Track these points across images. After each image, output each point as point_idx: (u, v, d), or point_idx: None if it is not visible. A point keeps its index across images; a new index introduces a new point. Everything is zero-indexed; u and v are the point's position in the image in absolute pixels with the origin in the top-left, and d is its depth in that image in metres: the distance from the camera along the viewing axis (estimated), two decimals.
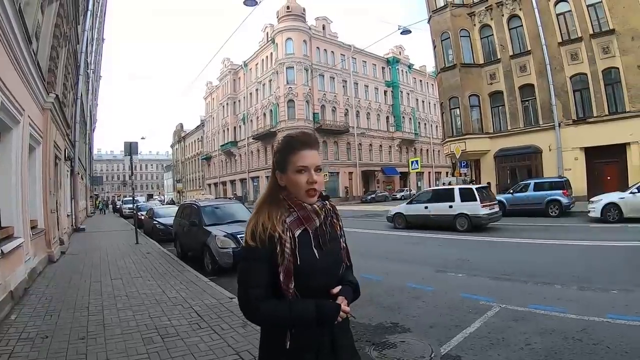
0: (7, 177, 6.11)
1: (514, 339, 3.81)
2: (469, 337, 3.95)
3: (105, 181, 77.36)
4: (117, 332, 4.22)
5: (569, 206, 15.24)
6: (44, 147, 8.80)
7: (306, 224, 1.39)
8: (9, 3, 5.07)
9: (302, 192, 1.38)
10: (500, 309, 4.69)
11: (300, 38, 42.53)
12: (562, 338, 3.75)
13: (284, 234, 1.33)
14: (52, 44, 9.03)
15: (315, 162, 1.39)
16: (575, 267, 6.77)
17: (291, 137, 1.44)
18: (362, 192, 45.63)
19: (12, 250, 5.61)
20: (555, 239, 9.74)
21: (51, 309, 5.23)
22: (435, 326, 4.34)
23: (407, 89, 54.93)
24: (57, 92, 9.62)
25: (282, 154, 1.41)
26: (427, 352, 3.66)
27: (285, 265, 1.31)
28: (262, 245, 1.33)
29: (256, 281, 1.33)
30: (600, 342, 3.60)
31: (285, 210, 1.39)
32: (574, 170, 19.09)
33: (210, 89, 63.26)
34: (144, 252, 10.41)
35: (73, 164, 16.25)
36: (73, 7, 11.66)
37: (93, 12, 20.51)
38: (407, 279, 6.50)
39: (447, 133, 25.28)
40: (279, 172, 1.43)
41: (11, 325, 4.57)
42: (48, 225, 8.82)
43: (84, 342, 3.92)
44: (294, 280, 1.32)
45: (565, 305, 4.64)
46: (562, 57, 19.80)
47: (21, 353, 3.69)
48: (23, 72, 6.54)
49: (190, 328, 4.31)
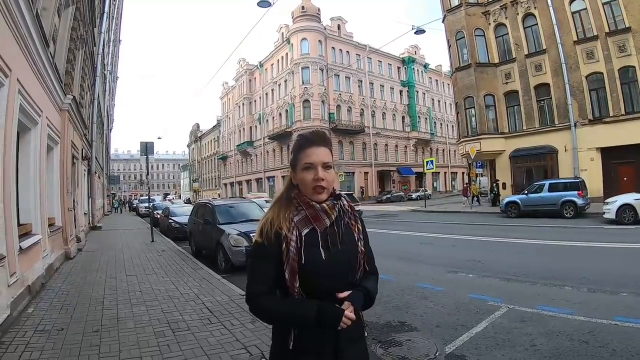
0: (25, 176, 6.30)
1: (520, 340, 3.81)
2: (474, 337, 3.96)
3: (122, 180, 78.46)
4: (130, 325, 4.36)
5: (584, 207, 15.02)
6: (62, 147, 9.06)
7: (314, 224, 1.37)
8: (27, 8, 5.23)
9: (309, 190, 1.37)
10: (508, 310, 4.68)
11: (316, 38, 42.55)
12: (568, 340, 3.73)
13: (289, 232, 1.33)
14: (69, 46, 9.29)
15: (322, 159, 1.37)
16: (586, 269, 6.69)
17: (301, 135, 1.45)
18: (378, 192, 45.41)
19: (30, 246, 5.83)
20: (569, 241, 9.61)
21: (67, 303, 5.42)
22: (442, 325, 4.36)
23: (423, 89, 54.52)
24: (74, 94, 9.88)
25: (294, 153, 1.44)
26: (432, 351, 3.68)
27: (290, 264, 1.31)
28: (268, 243, 1.34)
29: (261, 277, 1.35)
30: (606, 344, 3.57)
31: (294, 209, 1.39)
32: (589, 171, 18.80)
33: (226, 89, 63.72)
34: (159, 250, 10.62)
35: (90, 164, 16.61)
36: (89, 10, 11.92)
37: (109, 14, 20.86)
38: (418, 279, 6.52)
39: (462, 133, 25.08)
40: (292, 171, 1.45)
41: (28, 317, 4.75)
42: (65, 223, 9.08)
43: (98, 335, 4.07)
44: (299, 280, 1.32)
45: (573, 307, 4.61)
46: (577, 56, 19.48)
47: (37, 344, 3.85)
48: (41, 75, 6.76)
49: (201, 323, 4.43)
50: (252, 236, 5.41)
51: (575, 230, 11.72)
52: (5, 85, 4.70)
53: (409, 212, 24.15)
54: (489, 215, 18.34)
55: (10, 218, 4.91)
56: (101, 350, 3.65)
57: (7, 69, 4.65)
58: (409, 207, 28.21)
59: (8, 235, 4.70)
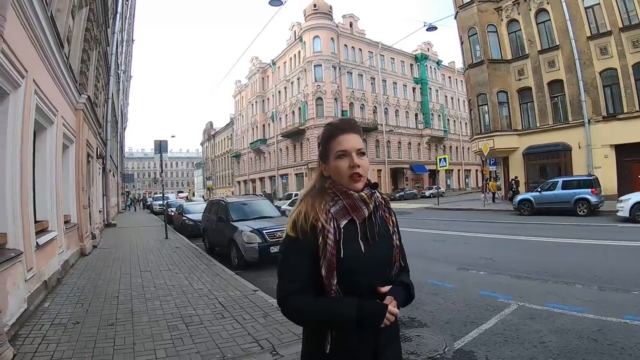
0: (42, 174, 6.45)
1: (528, 337, 3.81)
2: (483, 333, 3.98)
3: (136, 178, 79.48)
4: (145, 319, 4.48)
5: (598, 205, 14.78)
6: (77, 145, 9.25)
7: (353, 214, 1.28)
8: (41, 10, 5.33)
9: (345, 178, 1.29)
10: (518, 307, 4.69)
11: (328, 36, 42.61)
12: (576, 337, 3.73)
13: (327, 223, 1.24)
14: (83, 47, 9.43)
15: (356, 145, 1.31)
16: (598, 267, 6.62)
17: (330, 124, 1.39)
18: (391, 189, 45.23)
19: (47, 243, 5.98)
20: (581, 239, 9.50)
21: (82, 298, 5.57)
22: (451, 322, 4.39)
23: (436, 86, 54.16)
24: (88, 93, 10.06)
25: (323, 144, 1.36)
26: (441, 347, 3.72)
27: (327, 259, 1.21)
28: (303, 236, 1.24)
29: (294, 275, 1.25)
30: (615, 342, 3.56)
31: (330, 199, 1.30)
32: (603, 168, 18.56)
33: (239, 88, 64.03)
34: (173, 246, 10.79)
35: (105, 162, 16.89)
36: (102, 11, 12.10)
37: (122, 14, 21.14)
38: (429, 276, 6.51)
39: (475, 130, 24.97)
40: (322, 163, 1.37)
41: (45, 311, 4.89)
42: (81, 220, 9.28)
43: (113, 328, 4.19)
44: (337, 276, 1.22)
45: (583, 305, 4.60)
46: (591, 52, 19.20)
47: (53, 337, 3.98)
48: (56, 75, 6.90)
49: (214, 317, 4.53)
50: (266, 233, 5.54)
51: (588, 228, 11.57)
52: (22, 85, 4.82)
53: (421, 210, 24.06)
54: (502, 213, 18.18)
55: (28, 215, 5.05)
56: (116, 343, 3.76)
57: (23, 70, 4.77)
58: (421, 205, 28.09)
59: (25, 231, 4.83)
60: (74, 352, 3.57)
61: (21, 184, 4.79)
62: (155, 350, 3.59)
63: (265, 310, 4.76)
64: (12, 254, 4.25)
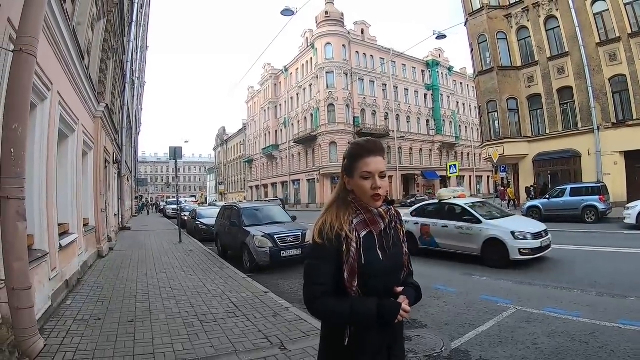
0: (64, 179, 6.79)
1: (522, 339, 4.00)
2: (480, 335, 4.18)
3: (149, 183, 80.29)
4: (162, 317, 4.79)
5: (606, 212, 14.76)
6: (95, 152, 9.64)
7: (372, 227, 1.45)
8: (64, 25, 5.64)
9: (367, 197, 1.44)
10: (516, 311, 4.87)
11: (340, 43, 42.93)
12: (569, 340, 3.89)
13: (350, 233, 1.39)
14: (101, 57, 9.81)
15: (380, 168, 1.45)
16: (598, 273, 6.75)
17: (358, 144, 1.51)
18: (402, 195, 45.06)
19: (68, 244, 6.32)
20: (585, 246, 9.60)
21: (102, 296, 5.89)
22: (451, 324, 4.59)
23: (448, 92, 54.05)
24: (106, 102, 10.47)
25: (350, 160, 1.48)
26: (438, 346, 3.93)
27: (350, 264, 1.37)
28: (329, 244, 1.38)
29: (321, 278, 1.39)
30: (606, 345, 3.71)
31: (352, 212, 1.46)
32: (613, 175, 18.49)
33: (252, 94, 64.59)
34: (187, 250, 11.10)
35: (120, 167, 17.33)
36: (119, 21, 12.51)
37: (137, 22, 21.70)
38: (434, 280, 6.69)
39: (485, 137, 25.00)
40: (347, 176, 1.50)
41: (67, 309, 5.23)
42: (98, 223, 9.65)
43: (132, 324, 4.50)
44: (357, 279, 1.38)
45: (579, 310, 4.75)
46: (600, 58, 19.18)
47: (77, 331, 4.30)
48: (78, 86, 7.27)
49: (227, 316, 4.82)
50: (277, 238, 6.12)
51: (594, 235, 11.62)
52: (48, 98, 5.17)
53: None
54: None
55: (52, 218, 5.39)
56: (136, 338, 4.06)
57: (49, 82, 5.09)
58: None
59: (50, 234, 5.17)
60: (97, 345, 3.88)
61: (47, 189, 5.13)
62: (172, 344, 3.88)
63: (275, 310, 5.03)
64: (39, 254, 4.58)
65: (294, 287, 6.85)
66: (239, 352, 3.70)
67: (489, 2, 23.46)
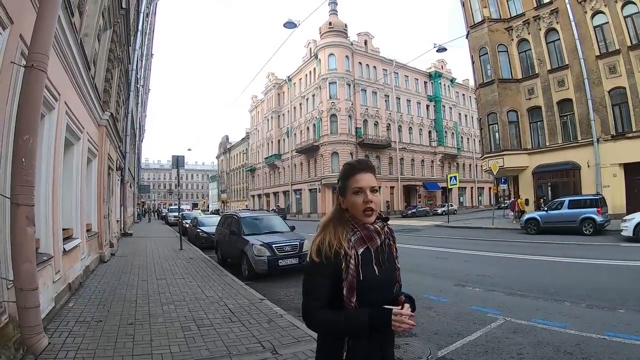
0: (69, 186, 7.02)
1: (508, 349, 4.08)
2: (467, 344, 4.28)
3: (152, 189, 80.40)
4: (160, 320, 4.98)
5: (604, 224, 14.87)
6: (99, 159, 9.88)
7: (368, 243, 1.50)
8: (72, 37, 5.86)
9: (360, 212, 1.50)
10: (505, 322, 4.94)
11: (343, 54, 43.35)
12: (554, 351, 3.96)
13: (350, 250, 1.45)
14: (107, 66, 10.08)
15: (370, 183, 1.51)
16: (591, 285, 6.83)
17: (349, 164, 1.60)
18: (404, 206, 45.29)
19: (72, 249, 6.54)
20: (581, 258, 9.67)
21: (103, 300, 6.09)
22: (439, 333, 4.69)
23: (450, 103, 54.49)
24: (111, 111, 10.72)
25: (342, 180, 1.56)
26: (425, 354, 4.04)
27: (349, 281, 1.42)
28: (327, 261, 1.43)
29: (318, 293, 1.46)
30: (589, 356, 3.79)
31: (350, 229, 1.50)
32: (612, 187, 18.58)
33: (255, 103, 65.15)
34: (187, 257, 11.27)
35: (123, 174, 17.56)
36: (125, 31, 12.80)
37: (143, 31, 22.00)
38: (427, 290, 6.80)
39: (485, 149, 25.13)
40: (341, 196, 1.57)
41: (69, 310, 5.41)
42: (101, 229, 9.87)
43: (132, 326, 4.69)
44: (355, 295, 1.43)
45: (568, 321, 4.81)
46: (600, 71, 19.36)
47: (79, 332, 4.49)
48: (84, 96, 7.51)
49: (223, 321, 5.00)
50: (275, 247, 6.40)
51: (591, 247, 11.69)
52: (56, 108, 5.40)
53: (431, 227, 24.20)
54: (509, 232, 18.25)
55: (57, 223, 5.59)
56: (135, 339, 4.24)
57: (57, 93, 5.32)
58: (432, 222, 28.23)
59: (55, 238, 5.38)
60: (98, 344, 4.07)
61: (52, 195, 5.34)
62: (170, 346, 4.06)
63: (270, 316, 5.18)
64: (44, 258, 4.77)
65: (290, 295, 6.98)
66: (233, 355, 3.87)
67: (490, 14, 23.73)
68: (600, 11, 19.29)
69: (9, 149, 3.39)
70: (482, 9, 24.00)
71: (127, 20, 12.51)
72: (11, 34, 3.34)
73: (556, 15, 21.07)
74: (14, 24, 3.39)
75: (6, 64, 3.28)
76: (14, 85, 3.45)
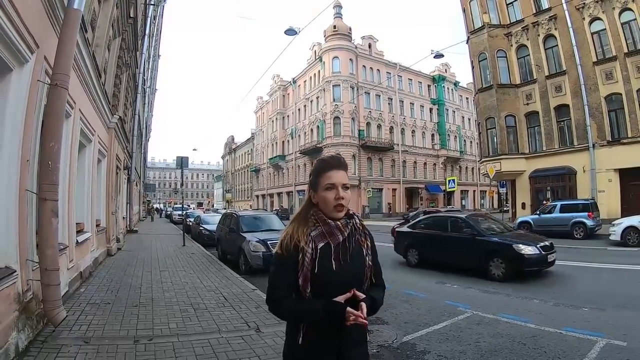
0: (81, 185, 7.66)
1: (467, 337, 4.50)
2: (431, 332, 4.76)
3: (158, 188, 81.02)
4: (162, 304, 5.67)
5: (595, 228, 15.20)
6: (108, 159, 10.55)
7: (329, 238, 1.55)
8: (86, 50, 6.36)
9: (330, 207, 1.55)
10: (472, 315, 5.36)
11: (347, 57, 43.65)
12: (509, 341, 4.34)
13: (306, 245, 1.52)
14: (116, 72, 10.66)
15: (342, 180, 1.56)
16: (565, 285, 7.20)
17: (322, 160, 1.65)
18: (405, 208, 45.25)
19: (83, 241, 7.22)
20: (566, 260, 9.63)
21: (111, 287, 6.80)
22: (409, 322, 5.18)
23: (453, 107, 54.51)
24: (119, 114, 11.36)
25: (314, 175, 1.61)
26: (391, 338, 4.55)
27: (304, 272, 1.50)
28: (287, 254, 1.53)
29: (279, 282, 1.55)
30: (541, 347, 4.11)
31: (312, 225, 1.57)
32: (607, 192, 18.81)
33: (260, 104, 65.64)
34: (189, 252, 11.90)
35: (130, 173, 18.21)
36: (133, 37, 13.34)
37: (150, 33, 22.47)
38: (407, 286, 7.27)
39: (483, 153, 25.49)
40: (312, 191, 1.63)
41: (81, 295, 6.13)
42: (109, 225, 10.55)
43: (137, 308, 5.38)
44: (310, 286, 1.50)
45: (531, 317, 5.14)
46: (596, 77, 19.62)
47: (90, 311, 5.19)
48: (95, 102, 8.12)
49: (217, 306, 5.68)
50: (270, 243, 7.76)
51: (578, 250, 11.89)
52: (72, 116, 6.01)
53: None
54: None
55: (71, 217, 6.24)
56: (139, 318, 4.93)
57: (73, 102, 5.91)
58: None
59: (70, 231, 6.04)
60: (107, 321, 4.78)
61: (68, 193, 5.97)
62: (169, 323, 4.76)
63: (258, 303, 5.80)
64: (61, 247, 5.35)
65: None
66: (222, 331, 4.52)
67: (490, 20, 24.06)
68: (598, 18, 19.56)
69: (36, 152, 4.02)
70: (482, 15, 24.35)
71: (135, 27, 13.08)
72: (37, 56, 3.92)
73: (555, 21, 21.38)
74: (40, 48, 3.97)
75: (34, 81, 3.88)
76: (40, 99, 4.05)
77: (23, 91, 3.70)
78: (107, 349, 3.85)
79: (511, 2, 23.64)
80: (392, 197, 45.84)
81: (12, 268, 3.47)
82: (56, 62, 4.04)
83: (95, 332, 4.36)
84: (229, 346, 4.04)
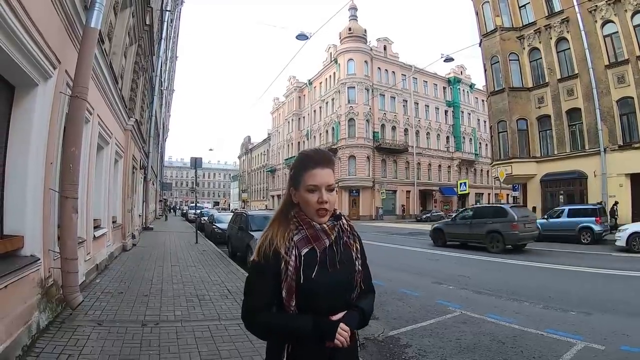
0: (99, 183, 8.22)
1: (450, 335, 4.66)
2: (417, 328, 4.95)
3: (174, 187, 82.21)
4: (170, 294, 6.22)
5: (602, 234, 15.20)
6: (125, 160, 11.13)
7: (314, 243, 1.36)
8: (103, 60, 6.79)
9: (312, 211, 1.35)
10: (460, 314, 5.49)
11: (362, 59, 44.12)
12: (489, 339, 4.46)
13: (288, 251, 1.32)
14: (132, 77, 11.12)
15: (327, 181, 1.35)
16: (557, 289, 7.24)
17: (305, 154, 1.43)
18: (419, 210, 45.58)
19: (100, 236, 7.79)
20: (567, 265, 9.97)
21: (125, 278, 7.38)
22: (399, 319, 5.38)
23: (468, 109, 54.43)
24: (136, 117, 11.92)
25: (296, 171, 1.39)
26: (378, 332, 4.81)
27: (287, 282, 1.31)
28: (265, 261, 1.33)
29: (257, 294, 1.35)
30: (519, 347, 4.21)
31: (294, 228, 1.37)
32: (618, 197, 18.63)
33: (276, 105, 66.68)
34: (201, 250, 12.41)
35: (146, 172, 18.88)
36: (149, 43, 13.81)
37: (167, 36, 23.00)
38: (404, 286, 7.50)
39: (495, 156, 25.47)
40: (293, 188, 1.41)
41: (96, 285, 6.71)
42: (124, 222, 11.15)
43: (147, 297, 5.93)
44: (295, 298, 1.31)
45: (517, 318, 5.25)
46: (608, 80, 19.45)
47: (104, 299, 5.74)
48: (112, 107, 8.64)
49: (220, 297, 6.15)
50: None
51: (582, 255, 11.91)
52: (91, 121, 6.53)
53: None
54: None
55: (89, 213, 6.78)
56: (148, 305, 5.47)
57: (91, 109, 6.38)
58: None
59: (88, 226, 6.58)
60: (119, 307, 5.32)
61: (87, 190, 6.48)
62: (174, 311, 5.28)
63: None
64: (79, 240, 5.88)
65: None
66: (222, 319, 4.97)
67: (502, 23, 24.04)
68: (610, 20, 19.41)
69: (59, 155, 4.53)
70: (494, 18, 24.35)
71: (151, 33, 13.57)
72: (59, 71, 4.40)
73: (567, 24, 21.25)
74: (61, 63, 4.43)
75: (56, 93, 4.36)
76: (62, 109, 4.54)
77: (47, 103, 4.18)
78: (117, 330, 4.36)
79: (523, 4, 23.57)
80: (405, 199, 45.98)
81: (37, 256, 3.95)
82: (76, 76, 4.53)
83: (108, 316, 4.88)
84: (225, 332, 4.48)
